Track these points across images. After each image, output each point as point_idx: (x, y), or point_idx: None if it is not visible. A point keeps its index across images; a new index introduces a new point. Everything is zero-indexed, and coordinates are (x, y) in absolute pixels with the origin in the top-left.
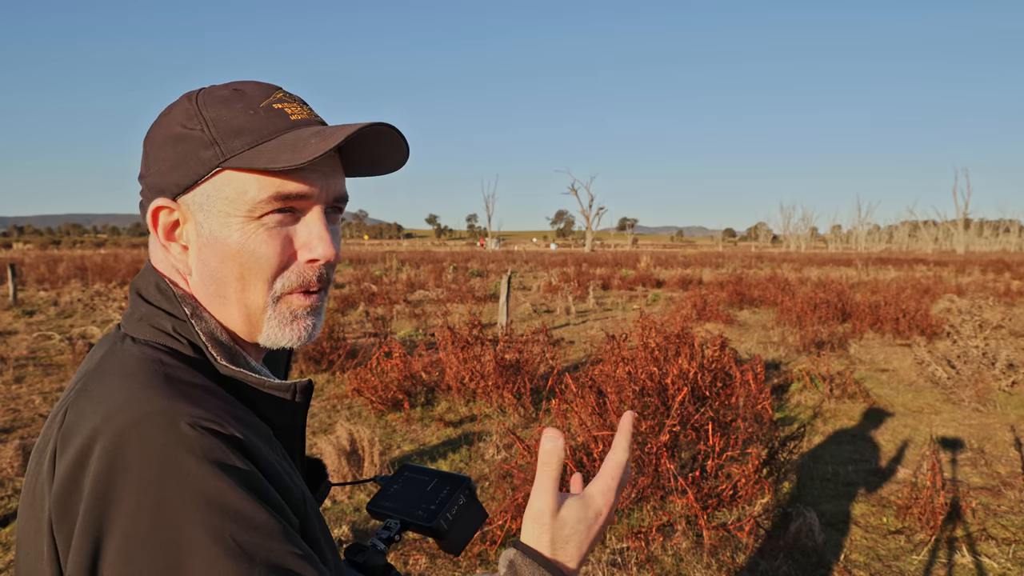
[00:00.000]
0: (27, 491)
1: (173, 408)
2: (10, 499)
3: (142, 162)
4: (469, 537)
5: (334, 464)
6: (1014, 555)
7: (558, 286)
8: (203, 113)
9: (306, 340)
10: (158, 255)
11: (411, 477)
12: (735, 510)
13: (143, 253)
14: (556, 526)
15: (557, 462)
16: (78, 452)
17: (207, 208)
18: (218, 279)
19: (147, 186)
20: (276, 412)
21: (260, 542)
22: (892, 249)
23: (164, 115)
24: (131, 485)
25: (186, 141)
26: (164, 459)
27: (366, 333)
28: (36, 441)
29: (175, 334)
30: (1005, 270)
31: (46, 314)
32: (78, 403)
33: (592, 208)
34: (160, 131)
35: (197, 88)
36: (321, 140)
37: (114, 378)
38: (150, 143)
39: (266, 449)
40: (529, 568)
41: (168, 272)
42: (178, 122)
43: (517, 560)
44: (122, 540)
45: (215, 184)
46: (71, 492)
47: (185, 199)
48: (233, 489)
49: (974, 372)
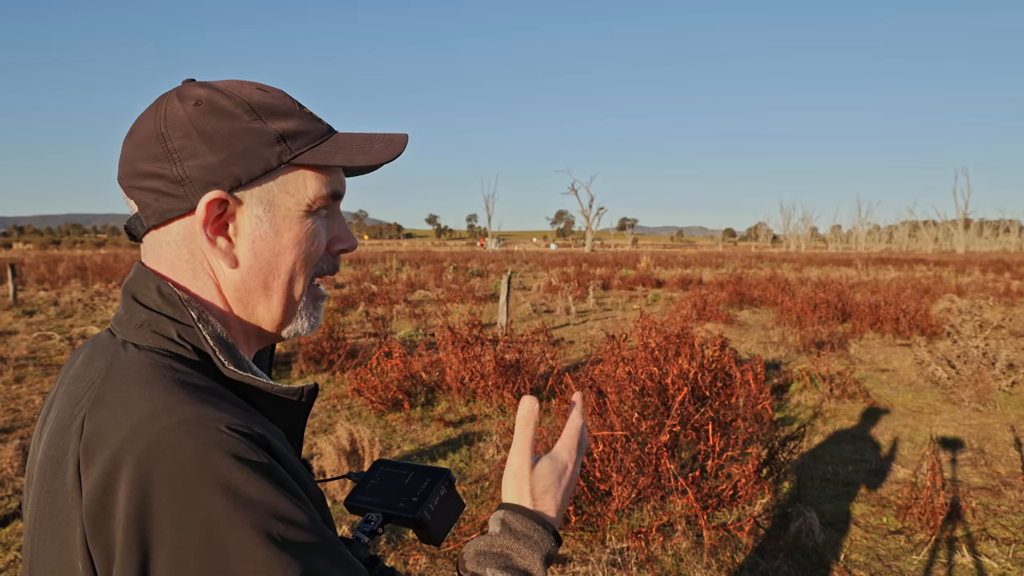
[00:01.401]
0: (41, 505)
1: (201, 414)
2: (10, 499)
3: (156, 154)
4: (449, 527)
5: (334, 464)
6: (1014, 555)
7: (558, 286)
8: (256, 110)
9: (316, 328)
10: (169, 254)
11: (387, 471)
12: (735, 510)
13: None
14: (533, 479)
15: (534, 425)
16: (108, 465)
17: (268, 202)
18: (269, 271)
19: (184, 178)
20: (281, 415)
21: (304, 538)
22: (892, 249)
23: (189, 105)
24: (172, 494)
25: (244, 136)
26: (201, 465)
27: (366, 333)
28: (41, 450)
29: (179, 340)
30: (1005, 270)
31: (46, 314)
32: (97, 414)
33: (592, 208)
34: (196, 122)
35: (200, 81)
36: (386, 147)
37: (132, 387)
38: (178, 133)
39: (284, 449)
40: (520, 521)
41: (176, 274)
42: (224, 115)
43: (507, 517)
44: (172, 550)
45: (280, 180)
46: (105, 505)
47: (244, 193)
48: (270, 488)
49: (974, 372)
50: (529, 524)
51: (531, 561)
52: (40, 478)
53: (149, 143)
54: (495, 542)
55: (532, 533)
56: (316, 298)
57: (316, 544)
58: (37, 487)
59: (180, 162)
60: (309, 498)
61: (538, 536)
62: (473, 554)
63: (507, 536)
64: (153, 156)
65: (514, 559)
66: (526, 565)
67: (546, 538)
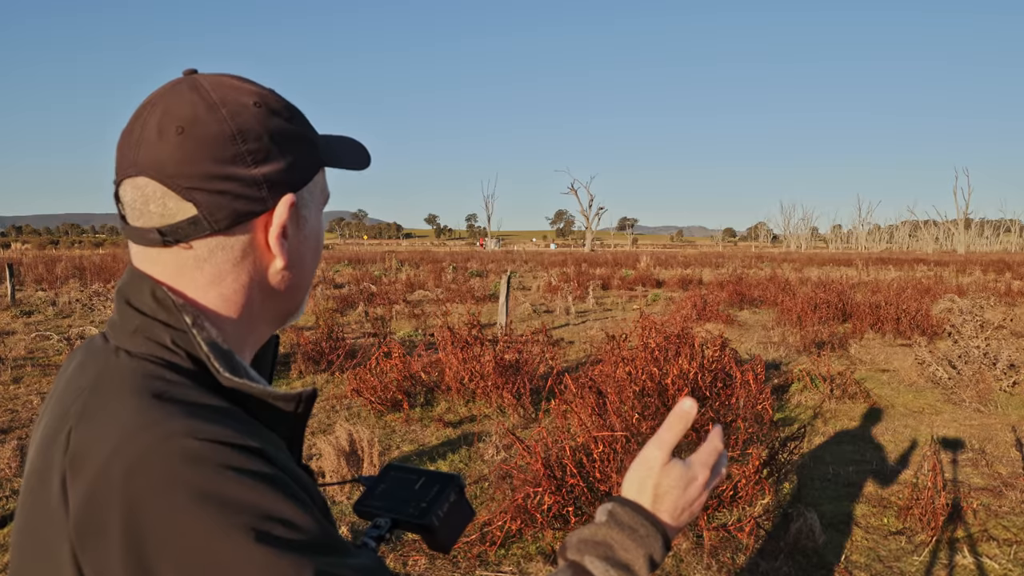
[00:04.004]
0: (29, 517)
1: (190, 427)
2: (8, 500)
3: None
4: (459, 534)
5: (333, 464)
6: (1015, 556)
7: (558, 286)
8: (295, 113)
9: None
10: (153, 257)
11: (397, 476)
12: (735, 511)
13: None
14: (661, 475)
15: (683, 426)
16: (95, 480)
17: (310, 203)
18: (306, 266)
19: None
20: (279, 420)
21: (311, 539)
22: (893, 249)
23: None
24: (164, 511)
25: (301, 139)
26: (192, 479)
27: (365, 333)
28: (29, 460)
29: (173, 347)
30: (1006, 270)
31: (44, 314)
32: (83, 426)
33: (592, 208)
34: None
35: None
36: (362, 150)
37: (119, 398)
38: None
39: (282, 456)
40: (627, 514)
41: (164, 276)
42: (282, 118)
43: (615, 509)
44: (172, 568)
45: (315, 180)
46: (95, 523)
47: (301, 194)
48: (267, 493)
49: (975, 372)
50: (637, 519)
51: (634, 556)
52: (26, 489)
53: (217, 144)
54: (599, 531)
55: (639, 528)
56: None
57: (326, 544)
58: (23, 498)
59: (258, 165)
60: (313, 500)
61: (644, 532)
62: (575, 542)
63: (612, 526)
64: (224, 158)
65: (616, 550)
66: (628, 559)
67: (653, 535)
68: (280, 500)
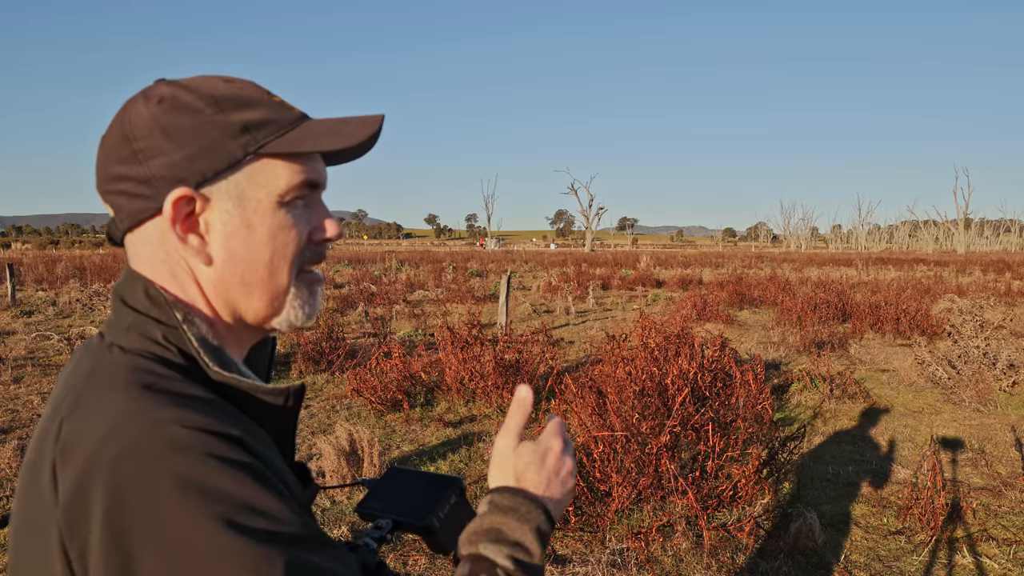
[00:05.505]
0: (22, 507)
1: (176, 417)
2: (8, 499)
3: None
4: (459, 535)
5: (333, 464)
6: (1014, 556)
7: (558, 286)
8: (219, 103)
9: (314, 316)
10: (148, 256)
11: (399, 478)
12: (735, 511)
13: None
14: (515, 457)
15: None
16: (83, 468)
17: (237, 196)
18: (245, 266)
19: (150, 177)
20: (268, 417)
21: (286, 530)
22: (892, 249)
23: (152, 104)
24: (147, 498)
25: (207, 130)
26: (176, 467)
27: (365, 333)
28: (26, 453)
29: (164, 342)
30: (1006, 270)
31: (44, 314)
32: (74, 417)
33: (592, 208)
34: (160, 120)
35: (169, 80)
36: (360, 127)
37: (108, 391)
38: (142, 133)
39: (261, 447)
40: (504, 498)
41: (156, 275)
42: (186, 111)
43: (494, 498)
44: (153, 554)
45: (246, 172)
46: (80, 509)
47: (211, 188)
48: (247, 484)
49: (975, 372)
50: (515, 499)
51: (522, 532)
52: (21, 479)
53: (117, 146)
54: (484, 520)
55: (519, 507)
56: (310, 284)
57: (300, 536)
58: (19, 489)
59: (145, 162)
60: (293, 498)
61: (525, 509)
62: (466, 537)
63: (495, 512)
64: (121, 158)
65: (505, 532)
66: (517, 537)
67: (534, 509)
68: (258, 490)
